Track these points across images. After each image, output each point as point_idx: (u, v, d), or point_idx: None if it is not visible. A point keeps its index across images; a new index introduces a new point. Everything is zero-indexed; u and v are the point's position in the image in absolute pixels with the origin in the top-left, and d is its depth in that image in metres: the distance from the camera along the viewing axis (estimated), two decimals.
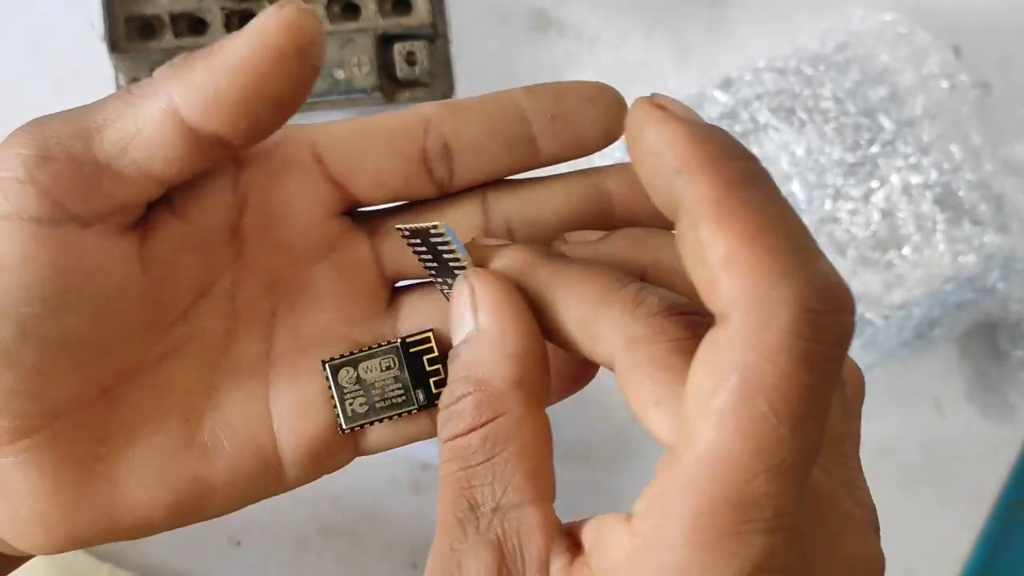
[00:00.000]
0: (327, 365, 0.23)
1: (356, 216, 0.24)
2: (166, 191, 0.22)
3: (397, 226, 0.23)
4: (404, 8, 0.40)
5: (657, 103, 0.18)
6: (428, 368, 0.23)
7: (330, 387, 0.23)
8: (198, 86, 0.20)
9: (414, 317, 0.24)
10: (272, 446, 0.23)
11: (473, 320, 0.21)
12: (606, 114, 0.23)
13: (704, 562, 0.16)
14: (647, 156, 0.17)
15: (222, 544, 0.49)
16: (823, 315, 0.15)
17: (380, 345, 0.23)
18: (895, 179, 0.50)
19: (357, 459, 0.25)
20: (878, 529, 0.20)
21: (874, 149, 0.50)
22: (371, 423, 0.23)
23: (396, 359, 0.23)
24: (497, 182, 0.24)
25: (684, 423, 0.16)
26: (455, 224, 0.23)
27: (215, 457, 0.23)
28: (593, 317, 0.20)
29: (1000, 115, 0.55)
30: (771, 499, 0.16)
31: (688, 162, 0.16)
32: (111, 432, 0.22)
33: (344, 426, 0.23)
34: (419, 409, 0.23)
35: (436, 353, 0.23)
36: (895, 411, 0.54)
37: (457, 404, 0.20)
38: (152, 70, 0.39)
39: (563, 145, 0.23)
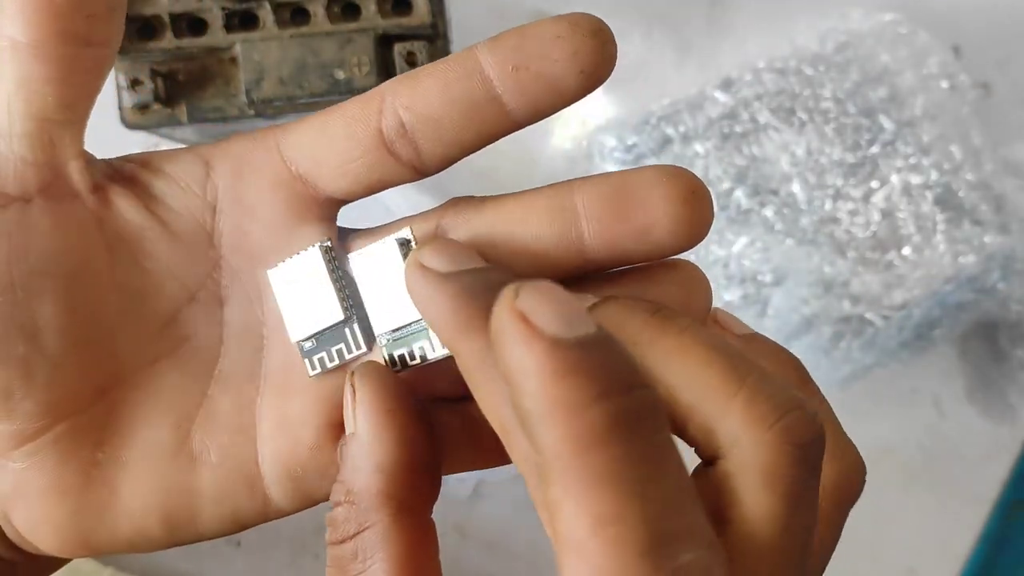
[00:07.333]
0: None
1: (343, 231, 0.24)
2: (117, 179, 0.22)
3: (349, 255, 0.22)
4: (404, 8, 0.40)
5: (520, 312, 0.15)
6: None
7: None
8: (11, 5, 0.20)
9: None
10: (254, 461, 0.22)
11: (352, 422, 0.21)
12: (578, 52, 0.20)
13: None
14: (505, 376, 0.15)
15: (222, 545, 0.49)
16: None
17: None
18: (895, 179, 0.50)
19: None
20: None
21: (874, 149, 0.50)
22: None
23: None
24: (456, 201, 0.22)
25: None
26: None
27: (202, 468, 0.22)
28: (709, 412, 0.17)
29: (1000, 115, 0.55)
30: None
31: (539, 405, 0.14)
32: (108, 437, 0.22)
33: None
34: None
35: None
36: (895, 411, 0.54)
37: (333, 512, 0.21)
38: (152, 70, 0.39)
39: (532, 98, 0.20)
